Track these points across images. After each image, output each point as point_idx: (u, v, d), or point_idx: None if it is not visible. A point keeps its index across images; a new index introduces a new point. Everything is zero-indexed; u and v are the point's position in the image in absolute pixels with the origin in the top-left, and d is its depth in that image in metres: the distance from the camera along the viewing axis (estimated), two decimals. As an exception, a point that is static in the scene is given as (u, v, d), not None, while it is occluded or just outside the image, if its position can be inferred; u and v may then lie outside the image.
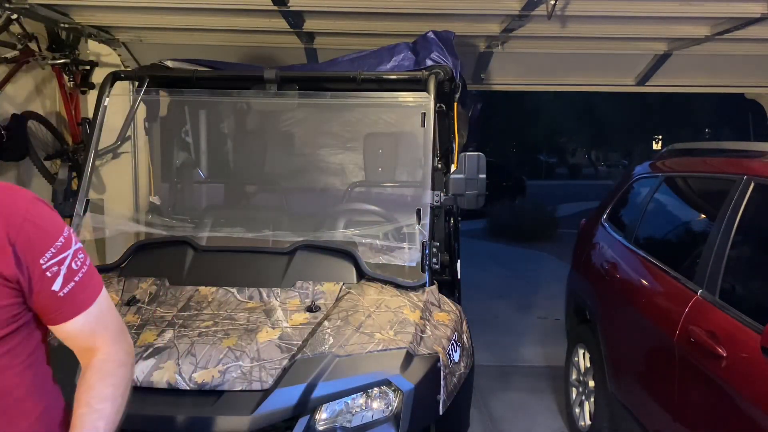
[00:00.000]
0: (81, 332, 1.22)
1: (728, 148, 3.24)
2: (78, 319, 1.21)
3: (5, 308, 1.12)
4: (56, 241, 1.15)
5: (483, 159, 2.99)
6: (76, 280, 1.18)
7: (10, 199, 1.13)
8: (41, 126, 4.52)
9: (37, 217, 1.14)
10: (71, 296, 1.18)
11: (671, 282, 2.87)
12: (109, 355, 1.23)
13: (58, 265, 1.15)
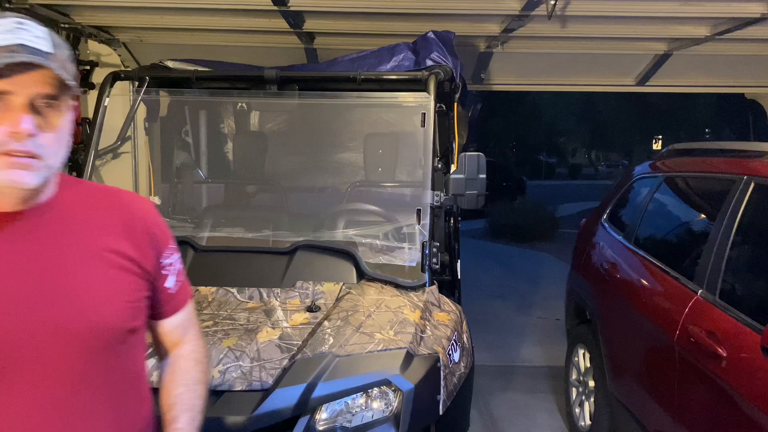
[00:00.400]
0: (179, 327, 1.34)
1: (728, 148, 3.24)
2: (179, 314, 1.34)
3: (143, 300, 1.23)
4: (171, 243, 1.30)
5: (483, 159, 2.99)
6: (181, 280, 1.32)
7: (143, 204, 1.28)
8: (41, 126, 4.52)
9: (160, 220, 1.29)
10: (177, 294, 1.31)
11: (671, 282, 2.87)
12: (198, 347, 1.37)
13: (171, 265, 1.28)
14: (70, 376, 1.11)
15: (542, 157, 33.12)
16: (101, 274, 1.15)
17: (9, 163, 1.01)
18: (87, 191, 1.22)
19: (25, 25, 1.02)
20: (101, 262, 1.16)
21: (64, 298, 1.10)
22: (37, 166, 1.03)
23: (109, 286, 1.16)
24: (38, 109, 1.02)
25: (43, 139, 1.03)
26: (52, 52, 1.02)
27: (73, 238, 1.14)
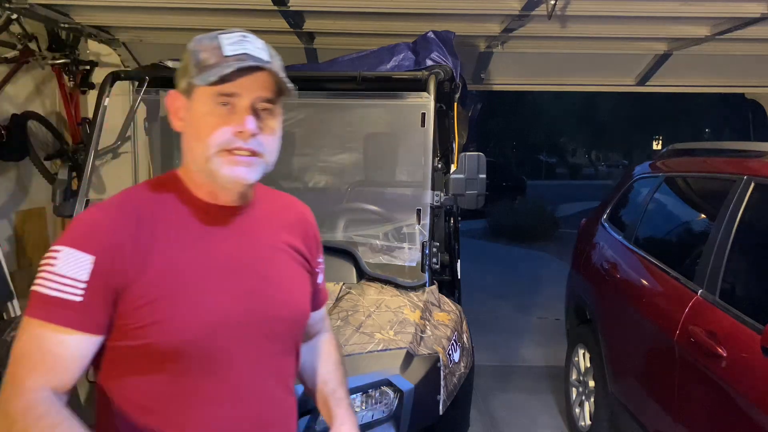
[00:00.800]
0: (322, 318, 1.49)
1: (728, 148, 3.24)
2: (323, 308, 1.48)
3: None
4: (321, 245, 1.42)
5: (483, 159, 2.99)
6: (323, 278, 1.45)
7: (308, 209, 1.41)
8: (41, 126, 4.52)
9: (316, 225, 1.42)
10: (323, 290, 1.45)
11: (671, 282, 2.87)
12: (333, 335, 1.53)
13: (320, 264, 1.42)
14: (277, 360, 1.24)
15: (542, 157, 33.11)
16: (292, 268, 1.30)
17: (234, 160, 1.11)
18: (267, 192, 1.33)
19: (248, 38, 1.14)
20: (289, 257, 1.29)
21: (271, 289, 1.22)
22: (257, 164, 1.13)
23: (298, 279, 1.31)
24: (258, 112, 1.12)
25: (263, 139, 1.13)
26: (270, 60, 1.13)
27: (268, 234, 1.27)
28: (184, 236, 1.15)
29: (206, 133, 1.10)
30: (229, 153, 1.10)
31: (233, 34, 1.14)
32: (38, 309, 1.07)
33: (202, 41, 1.14)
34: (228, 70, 1.07)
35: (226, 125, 1.10)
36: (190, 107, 1.13)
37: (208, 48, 1.12)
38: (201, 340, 1.12)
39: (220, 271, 1.16)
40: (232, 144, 1.10)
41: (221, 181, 1.13)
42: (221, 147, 1.10)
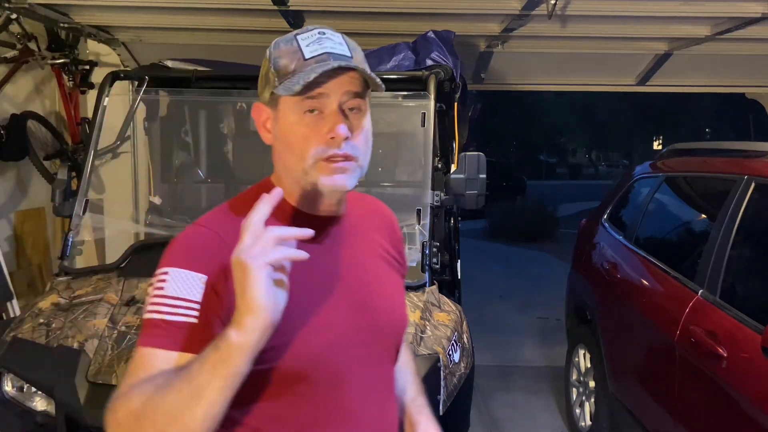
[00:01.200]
0: None
1: (728, 148, 3.23)
2: None
3: None
4: None
5: (483, 159, 2.98)
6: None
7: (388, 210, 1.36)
8: (41, 126, 4.51)
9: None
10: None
11: (672, 282, 2.87)
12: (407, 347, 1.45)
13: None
14: (385, 370, 1.20)
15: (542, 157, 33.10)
16: (389, 274, 1.24)
17: (331, 168, 1.05)
18: (356, 197, 1.25)
19: (326, 34, 1.07)
20: (386, 262, 1.24)
21: (375, 300, 1.17)
22: (352, 168, 1.07)
23: (398, 287, 1.26)
24: (346, 113, 1.06)
25: (356, 141, 1.07)
26: (351, 55, 1.06)
27: (364, 240, 1.21)
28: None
29: (299, 146, 1.05)
30: (325, 162, 1.05)
31: (310, 32, 1.07)
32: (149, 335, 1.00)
33: (279, 45, 1.08)
34: (312, 76, 1.01)
35: (318, 134, 1.04)
36: (278, 118, 1.08)
37: (286, 52, 1.06)
38: (320, 359, 1.07)
39: (326, 286, 1.11)
40: (326, 153, 1.04)
41: (322, 191, 1.08)
42: (316, 158, 1.04)
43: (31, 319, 2.55)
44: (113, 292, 2.64)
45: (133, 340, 2.35)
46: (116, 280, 2.74)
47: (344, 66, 1.03)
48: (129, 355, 2.28)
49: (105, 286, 2.70)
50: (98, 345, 2.34)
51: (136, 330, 2.40)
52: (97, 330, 2.40)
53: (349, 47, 1.08)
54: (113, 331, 2.40)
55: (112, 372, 2.23)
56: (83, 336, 2.38)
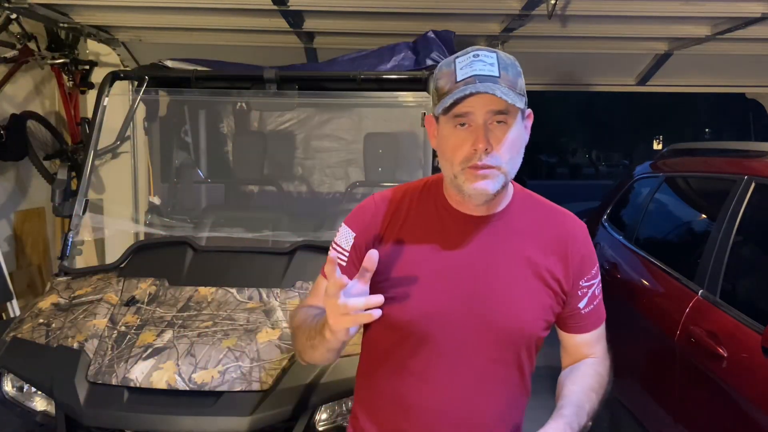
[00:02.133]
0: (586, 344, 1.47)
1: (728, 148, 3.23)
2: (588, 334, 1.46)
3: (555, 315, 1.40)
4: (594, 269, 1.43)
5: (483, 159, 2.98)
6: (594, 305, 1.44)
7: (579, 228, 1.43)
8: (41, 126, 4.52)
9: (591, 246, 1.44)
10: (588, 315, 1.44)
11: (672, 282, 2.87)
12: (602, 362, 1.47)
13: (589, 288, 1.42)
14: (483, 362, 1.34)
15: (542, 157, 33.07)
16: (526, 283, 1.34)
17: (474, 175, 1.23)
18: (535, 205, 1.41)
19: (480, 56, 1.24)
20: (529, 271, 1.34)
21: (496, 294, 1.32)
22: (495, 175, 1.24)
23: (532, 296, 1.34)
24: (491, 127, 1.23)
25: (498, 153, 1.23)
26: (498, 75, 1.22)
27: (512, 243, 1.35)
28: (429, 234, 1.34)
29: (449, 154, 1.26)
30: (471, 169, 1.23)
31: (467, 55, 1.25)
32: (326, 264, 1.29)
33: (442, 68, 1.27)
34: (453, 99, 1.20)
35: (463, 145, 1.23)
36: (439, 129, 1.29)
37: (445, 75, 1.25)
38: (417, 323, 1.32)
39: (447, 269, 1.32)
40: (470, 161, 1.23)
41: (467, 193, 1.26)
42: (463, 165, 1.24)
43: (31, 319, 2.55)
44: (113, 292, 2.64)
45: (133, 340, 2.35)
46: (116, 280, 2.74)
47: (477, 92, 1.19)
48: (129, 355, 2.28)
49: (105, 286, 2.70)
50: (98, 345, 2.34)
51: (135, 330, 2.40)
52: (97, 330, 2.40)
53: (500, 67, 1.23)
54: (113, 331, 2.40)
55: (112, 372, 2.23)
56: (83, 336, 2.38)
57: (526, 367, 1.41)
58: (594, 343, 1.47)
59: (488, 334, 1.32)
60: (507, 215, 1.35)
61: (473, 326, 1.32)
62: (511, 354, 1.36)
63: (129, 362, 2.25)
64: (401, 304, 1.32)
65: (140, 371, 2.20)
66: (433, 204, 1.37)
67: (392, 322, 1.33)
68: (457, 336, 1.32)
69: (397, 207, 1.38)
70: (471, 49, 1.26)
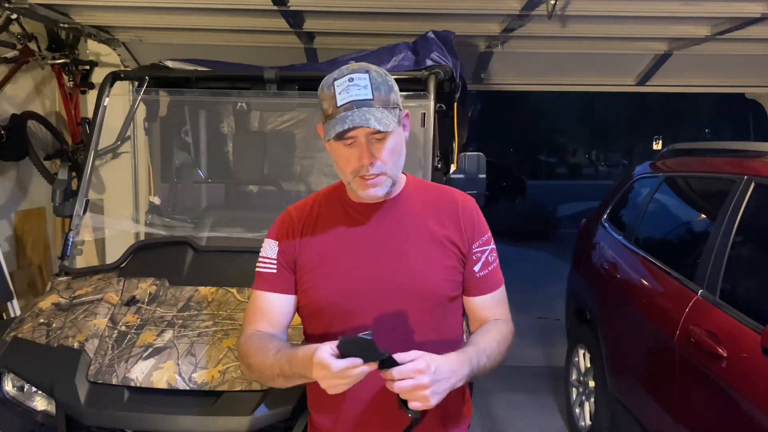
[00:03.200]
0: (485, 307, 1.62)
1: (728, 148, 3.23)
2: (486, 296, 1.61)
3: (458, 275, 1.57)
4: (484, 237, 1.62)
5: (483, 159, 2.99)
6: (489, 269, 1.61)
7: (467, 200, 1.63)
8: (41, 126, 4.52)
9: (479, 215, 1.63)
10: (484, 279, 1.60)
11: (671, 282, 2.87)
12: (504, 326, 1.61)
13: (481, 253, 1.60)
14: (406, 323, 1.51)
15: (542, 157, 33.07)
16: (429, 250, 1.54)
17: (364, 184, 1.45)
18: (426, 189, 1.64)
19: (354, 80, 1.41)
20: (429, 240, 1.54)
21: (403, 264, 1.51)
22: (382, 181, 1.46)
23: (434, 260, 1.54)
24: (373, 141, 1.42)
25: (383, 161, 1.44)
26: (371, 98, 1.40)
27: (411, 221, 1.55)
28: (336, 227, 1.56)
29: (342, 166, 1.47)
30: (360, 178, 1.45)
31: (343, 78, 1.41)
32: (255, 282, 1.60)
33: (323, 89, 1.44)
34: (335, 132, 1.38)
35: (351, 159, 1.44)
36: (330, 144, 1.45)
37: (327, 97, 1.42)
38: (338, 303, 1.51)
39: (358, 252, 1.52)
40: (359, 172, 1.44)
41: (361, 196, 1.49)
42: (354, 175, 1.45)
43: (32, 319, 2.55)
44: (113, 292, 2.64)
45: (133, 339, 2.35)
46: (116, 280, 2.74)
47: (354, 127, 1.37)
48: (130, 355, 2.28)
49: (105, 286, 2.70)
50: (98, 345, 2.35)
51: (136, 330, 2.40)
52: (97, 330, 2.41)
53: (373, 89, 1.40)
54: (113, 331, 2.41)
55: (113, 372, 2.23)
56: (83, 336, 2.38)
57: (449, 324, 1.59)
58: (494, 306, 1.62)
59: (403, 300, 1.50)
60: (403, 198, 1.57)
61: (388, 294, 1.50)
62: (428, 313, 1.53)
63: (129, 362, 2.25)
64: (321, 289, 1.53)
65: (141, 371, 2.20)
66: (339, 202, 1.58)
67: (318, 308, 1.55)
68: (376, 305, 1.49)
69: (309, 211, 1.60)
70: (346, 70, 1.42)
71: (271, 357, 1.44)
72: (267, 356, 1.45)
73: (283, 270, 1.57)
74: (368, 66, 1.44)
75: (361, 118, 1.37)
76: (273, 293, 1.58)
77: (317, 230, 1.57)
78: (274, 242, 1.59)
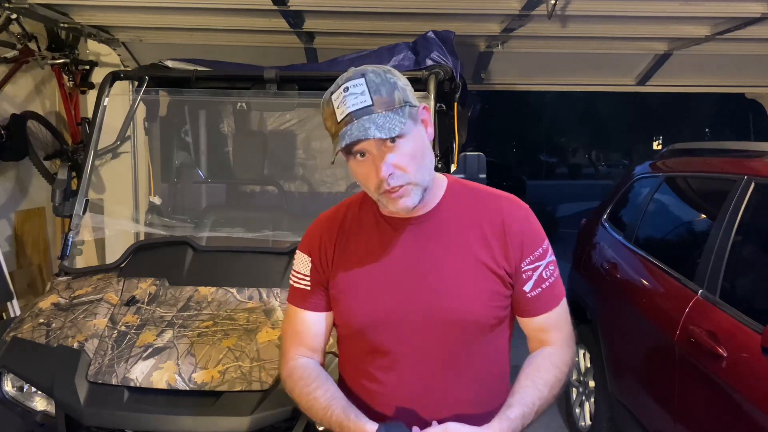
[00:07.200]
0: (541, 329, 1.44)
1: (728, 148, 3.23)
2: (541, 317, 1.43)
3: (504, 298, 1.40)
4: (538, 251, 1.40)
5: (483, 159, 2.98)
6: (543, 287, 1.41)
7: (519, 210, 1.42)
8: (41, 126, 4.52)
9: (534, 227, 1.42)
10: (537, 298, 1.41)
11: (671, 282, 2.87)
12: (560, 352, 1.43)
13: (534, 270, 1.39)
14: (442, 354, 1.38)
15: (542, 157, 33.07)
16: (468, 273, 1.37)
17: (390, 198, 1.31)
18: (469, 194, 1.44)
19: (350, 89, 1.26)
20: (469, 261, 1.37)
21: (439, 290, 1.36)
22: (409, 191, 1.30)
23: (475, 285, 1.37)
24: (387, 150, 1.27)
25: (403, 170, 1.28)
26: (371, 104, 1.25)
27: (449, 237, 1.38)
28: (370, 243, 1.42)
29: (363, 183, 1.34)
30: (386, 193, 1.30)
31: (339, 89, 1.27)
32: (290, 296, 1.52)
33: (324, 106, 1.31)
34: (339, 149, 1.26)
35: (370, 175, 1.30)
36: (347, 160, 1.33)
37: (328, 115, 1.30)
38: (366, 329, 1.40)
39: (390, 275, 1.38)
40: (383, 188, 1.29)
41: (392, 210, 1.35)
42: (378, 191, 1.31)
43: (31, 319, 2.55)
44: (113, 292, 2.64)
45: (133, 339, 2.35)
46: (116, 280, 2.74)
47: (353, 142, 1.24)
48: (129, 355, 2.28)
49: (105, 286, 2.70)
50: (98, 345, 2.35)
51: (136, 330, 2.40)
52: (97, 330, 2.41)
53: (371, 93, 1.26)
54: (113, 331, 2.40)
55: (113, 372, 2.23)
56: (83, 336, 2.38)
57: (495, 350, 1.43)
58: (550, 329, 1.43)
59: (438, 330, 1.36)
60: (441, 210, 1.40)
61: (422, 325, 1.36)
62: (467, 344, 1.38)
63: (129, 362, 2.25)
64: (353, 315, 1.42)
65: (140, 371, 2.20)
66: (372, 214, 1.45)
67: (346, 333, 1.47)
68: (409, 338, 1.37)
69: (341, 223, 1.48)
70: (341, 80, 1.29)
71: (320, 409, 1.36)
72: (315, 403, 1.38)
73: (317, 287, 1.47)
74: (365, 68, 1.30)
75: (360, 130, 1.24)
76: (308, 311, 1.49)
77: (349, 247, 1.44)
78: (306, 258, 1.48)
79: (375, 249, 1.41)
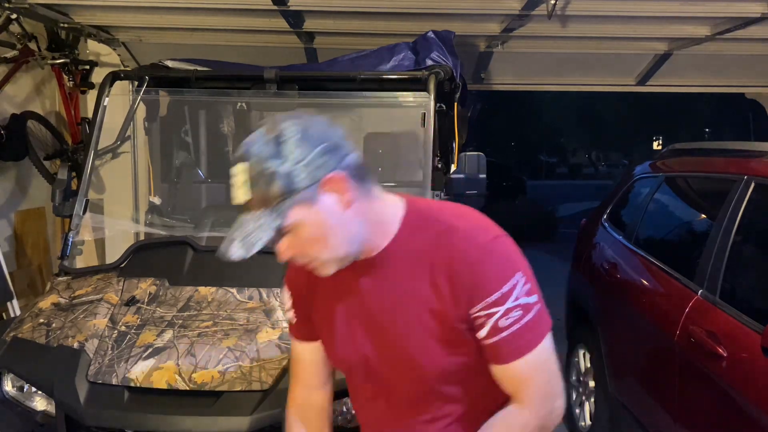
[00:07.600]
0: (506, 379, 1.26)
1: (729, 148, 3.23)
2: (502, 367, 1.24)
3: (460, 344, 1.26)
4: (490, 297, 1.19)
5: (483, 159, 2.99)
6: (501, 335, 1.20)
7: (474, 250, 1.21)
8: (41, 126, 4.52)
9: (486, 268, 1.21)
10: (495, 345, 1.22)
11: (671, 282, 2.87)
12: (521, 412, 1.26)
13: (487, 317, 1.20)
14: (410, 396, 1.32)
15: (542, 157, 33.07)
16: (420, 321, 1.24)
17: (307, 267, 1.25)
18: (426, 227, 1.25)
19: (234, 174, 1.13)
20: (420, 310, 1.23)
21: (394, 343, 1.28)
22: (319, 266, 1.23)
23: (427, 334, 1.24)
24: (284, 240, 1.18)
25: (301, 252, 1.20)
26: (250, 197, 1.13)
27: (399, 284, 1.26)
28: (331, 286, 1.33)
29: None
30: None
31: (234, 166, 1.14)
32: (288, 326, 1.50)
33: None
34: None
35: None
36: None
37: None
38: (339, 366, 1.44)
39: (354, 320, 1.32)
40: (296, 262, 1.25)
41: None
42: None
43: (31, 319, 2.55)
44: (113, 292, 2.64)
45: (133, 339, 2.35)
46: (116, 280, 2.74)
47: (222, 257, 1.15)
48: (129, 355, 2.28)
49: (105, 286, 2.70)
50: (98, 345, 2.35)
51: (136, 330, 2.40)
52: (97, 330, 2.41)
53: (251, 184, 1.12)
54: (113, 331, 2.41)
55: (113, 372, 2.23)
56: (83, 336, 2.38)
57: (467, 395, 1.30)
58: (516, 382, 1.24)
59: (404, 375, 1.29)
60: (392, 251, 1.25)
61: (388, 368, 1.31)
62: (435, 390, 1.28)
63: (129, 362, 2.25)
64: (326, 349, 1.42)
65: (140, 371, 2.20)
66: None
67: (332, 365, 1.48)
68: (379, 378, 1.33)
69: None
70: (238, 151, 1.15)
71: None
72: None
73: (303, 318, 1.43)
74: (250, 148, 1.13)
75: (226, 244, 1.14)
76: (298, 341, 1.47)
77: (319, 283, 1.33)
78: (287, 291, 1.45)
79: (338, 288, 1.32)
